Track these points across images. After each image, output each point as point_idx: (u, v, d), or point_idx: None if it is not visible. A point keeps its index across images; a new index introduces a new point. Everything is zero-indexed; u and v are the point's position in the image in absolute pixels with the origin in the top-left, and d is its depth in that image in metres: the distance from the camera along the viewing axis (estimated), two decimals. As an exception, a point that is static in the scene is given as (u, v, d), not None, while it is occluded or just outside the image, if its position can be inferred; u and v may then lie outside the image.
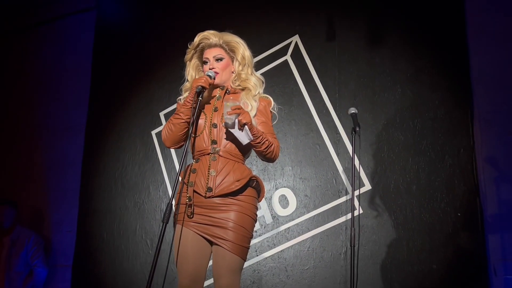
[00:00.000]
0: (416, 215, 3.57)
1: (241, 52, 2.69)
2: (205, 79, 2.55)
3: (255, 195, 2.59)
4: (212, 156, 2.56)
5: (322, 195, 3.87)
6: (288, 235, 3.86)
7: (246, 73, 2.71)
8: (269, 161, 2.64)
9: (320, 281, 3.69)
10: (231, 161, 2.56)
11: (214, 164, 2.54)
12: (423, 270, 3.46)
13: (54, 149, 5.02)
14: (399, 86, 3.83)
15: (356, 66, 3.98)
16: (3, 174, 5.17)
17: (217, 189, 2.49)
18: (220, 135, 2.59)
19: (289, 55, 4.21)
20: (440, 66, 3.75)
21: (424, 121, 3.71)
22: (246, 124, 2.43)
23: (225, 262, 2.43)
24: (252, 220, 2.54)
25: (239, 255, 2.45)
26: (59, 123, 5.07)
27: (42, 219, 4.87)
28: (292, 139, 4.04)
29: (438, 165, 3.60)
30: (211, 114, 2.64)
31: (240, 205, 2.50)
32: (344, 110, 3.84)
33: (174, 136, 2.63)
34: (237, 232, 2.45)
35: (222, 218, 2.47)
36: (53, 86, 5.22)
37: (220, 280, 2.43)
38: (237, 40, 2.72)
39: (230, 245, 2.43)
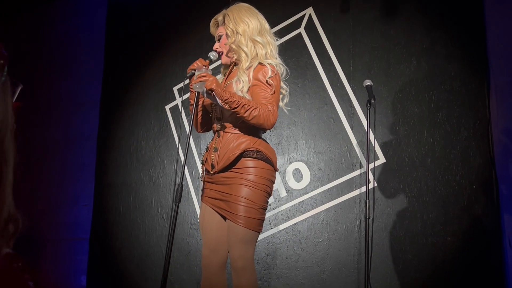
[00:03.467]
0: (431, 188, 3.56)
1: (231, 27, 2.66)
2: (198, 62, 2.59)
3: (263, 166, 2.53)
4: (218, 133, 2.64)
5: (336, 168, 3.87)
6: (302, 208, 3.88)
7: (236, 44, 2.64)
8: (262, 127, 2.53)
9: (334, 253, 3.72)
10: (235, 135, 2.57)
11: (218, 141, 2.61)
12: (437, 242, 3.46)
13: (70, 124, 5.06)
14: (414, 58, 3.78)
15: (371, 38, 3.93)
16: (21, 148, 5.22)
17: (219, 165, 2.56)
18: (222, 112, 2.62)
19: (302, 28, 4.17)
20: (456, 37, 3.69)
21: (439, 93, 3.67)
22: (212, 90, 2.44)
23: (235, 235, 2.49)
24: (259, 191, 2.50)
25: (249, 227, 2.47)
26: (74, 98, 5.10)
27: (59, 193, 4.94)
28: (306, 112, 4.03)
29: (454, 137, 3.58)
30: None
31: (245, 178, 2.50)
32: (359, 83, 3.83)
33: (194, 121, 2.74)
34: (243, 205, 2.47)
35: (229, 193, 2.52)
36: (67, 62, 5.23)
37: (232, 252, 2.51)
38: (231, 12, 2.69)
39: (238, 218, 2.47)
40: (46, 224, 4.80)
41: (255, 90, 2.54)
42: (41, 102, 5.22)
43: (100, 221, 4.63)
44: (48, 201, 4.93)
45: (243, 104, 2.42)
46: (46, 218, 4.84)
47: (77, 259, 4.65)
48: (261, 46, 2.65)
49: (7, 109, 0.75)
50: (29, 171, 5.04)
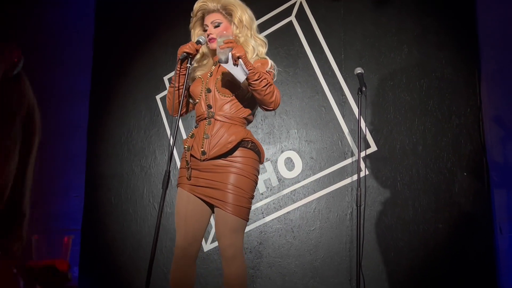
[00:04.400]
0: (422, 175, 3.58)
1: (238, 16, 2.66)
2: (191, 44, 2.57)
3: (253, 157, 2.58)
4: (208, 120, 2.59)
5: (327, 157, 3.87)
6: (294, 197, 3.89)
7: (244, 36, 2.67)
8: (269, 105, 2.55)
9: (326, 241, 3.73)
10: (226, 123, 2.57)
11: (209, 128, 2.57)
12: (429, 229, 3.49)
13: (60, 114, 5.01)
14: (405, 46, 3.78)
15: (362, 26, 3.93)
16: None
17: (211, 152, 2.53)
18: (214, 100, 2.60)
19: (293, 16, 4.15)
20: (447, 25, 3.70)
21: (430, 81, 3.68)
22: (240, 57, 2.43)
23: (225, 223, 2.49)
24: (250, 181, 2.55)
25: (239, 216, 2.49)
26: (63, 88, 5.05)
27: (50, 184, 4.91)
28: (298, 101, 4.02)
29: (445, 125, 3.59)
30: (207, 79, 2.66)
31: (237, 167, 2.52)
32: (350, 72, 3.82)
33: (172, 104, 2.67)
34: (234, 193, 2.48)
35: (220, 181, 2.51)
36: (56, 52, 5.17)
37: (221, 240, 2.50)
38: (234, 2, 2.69)
39: (229, 206, 2.47)
40: (37, 215, 4.76)
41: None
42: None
43: (91, 212, 4.61)
44: (39, 192, 4.89)
45: (263, 78, 2.48)
46: (37, 209, 4.80)
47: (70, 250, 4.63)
48: (261, 43, 2.72)
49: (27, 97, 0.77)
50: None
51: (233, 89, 2.60)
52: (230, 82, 2.59)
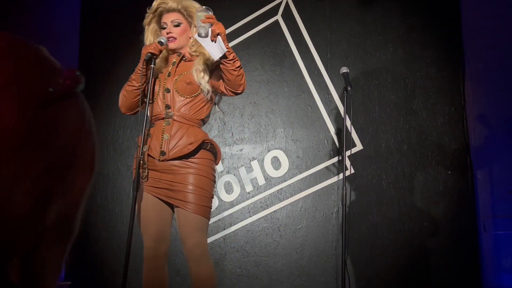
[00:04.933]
0: (407, 174, 3.60)
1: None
2: (155, 45, 2.57)
3: (211, 158, 2.63)
4: (166, 120, 2.60)
5: (314, 156, 3.88)
6: (281, 196, 3.90)
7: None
8: (238, 88, 2.60)
9: (313, 240, 3.75)
10: (185, 125, 2.59)
11: (168, 129, 2.58)
12: (414, 227, 3.51)
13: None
14: (390, 45, 3.80)
15: (348, 26, 3.94)
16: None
17: (171, 153, 2.54)
18: (173, 100, 2.61)
19: (279, 15, 4.15)
20: (431, 24, 3.72)
21: (415, 80, 3.70)
22: (220, 34, 2.45)
23: (190, 223, 2.50)
24: (210, 181, 2.59)
25: (202, 215, 2.52)
26: (48, 87, 5.01)
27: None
28: (284, 100, 4.03)
29: (430, 124, 3.62)
30: (164, 79, 2.67)
31: (197, 168, 2.54)
32: (336, 71, 3.83)
33: (128, 103, 2.67)
34: (196, 193, 2.51)
35: (180, 182, 2.52)
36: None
37: (188, 241, 2.51)
38: (196, 5, 2.71)
39: (192, 206, 2.49)
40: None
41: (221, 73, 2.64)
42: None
43: (77, 211, 4.58)
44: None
45: (237, 59, 2.54)
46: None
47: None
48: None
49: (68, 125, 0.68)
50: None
51: (192, 91, 2.62)
52: (190, 84, 2.61)
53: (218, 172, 4.08)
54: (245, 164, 4.03)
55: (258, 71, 4.12)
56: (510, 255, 3.38)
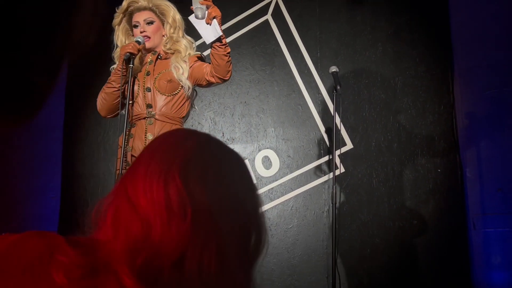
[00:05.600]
0: (397, 172, 3.62)
1: (172, 15, 2.70)
2: (133, 45, 2.56)
3: None
4: (149, 120, 2.58)
5: (304, 155, 3.89)
6: (272, 195, 3.90)
7: (177, 36, 2.71)
8: (226, 75, 2.60)
9: (304, 239, 3.75)
10: (168, 124, 2.58)
11: (151, 128, 2.56)
12: (404, 225, 3.53)
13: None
14: (380, 44, 3.82)
15: (337, 25, 3.95)
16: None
17: None
18: (155, 99, 2.60)
19: (269, 15, 4.16)
20: (420, 23, 3.74)
21: (405, 78, 3.72)
22: (216, 17, 2.45)
23: None
24: None
25: None
26: (38, 88, 4.99)
27: (26, 185, 4.85)
28: (274, 100, 4.03)
29: (419, 122, 3.63)
30: (143, 78, 2.66)
31: None
32: (326, 70, 3.84)
33: (108, 105, 2.66)
34: None
35: None
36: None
37: None
38: (167, 3, 2.73)
39: None
40: (13, 217, 4.71)
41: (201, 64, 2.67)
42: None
43: (68, 213, 4.56)
44: (15, 193, 4.83)
45: (228, 45, 2.54)
46: (13, 211, 4.75)
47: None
48: (190, 44, 2.76)
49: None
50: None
51: (173, 88, 2.62)
52: (171, 82, 2.61)
53: (209, 172, 4.08)
54: (236, 164, 4.02)
55: (249, 70, 4.13)
56: (499, 252, 3.41)
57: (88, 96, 4.73)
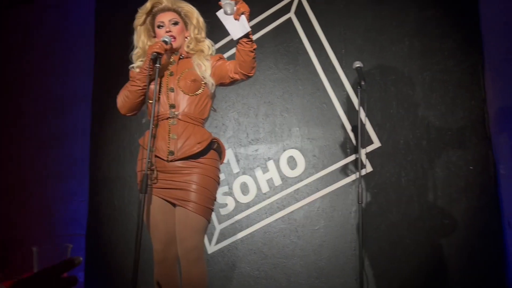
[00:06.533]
0: (427, 170, 3.50)
1: (196, 17, 2.71)
2: (160, 44, 2.54)
3: (216, 158, 2.61)
4: (172, 120, 2.56)
5: (330, 154, 3.80)
6: (298, 196, 3.82)
7: (200, 37, 2.72)
8: (251, 71, 2.58)
9: (331, 240, 3.67)
10: (190, 124, 2.56)
11: (174, 128, 2.54)
12: (435, 225, 3.40)
13: (63, 119, 5.00)
14: (407, 38, 3.70)
15: (362, 21, 3.85)
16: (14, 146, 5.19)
17: (179, 152, 2.50)
18: (178, 99, 2.58)
19: (292, 13, 4.09)
20: (448, 16, 3.61)
21: (433, 74, 3.59)
22: (244, 13, 2.41)
23: (188, 223, 2.45)
24: (214, 182, 2.55)
25: (203, 216, 2.47)
26: (65, 93, 5.04)
27: (55, 189, 4.90)
28: (299, 99, 3.96)
29: (449, 118, 3.50)
30: (167, 78, 2.63)
31: (202, 168, 2.51)
32: (351, 67, 3.73)
33: (131, 103, 2.66)
34: (200, 193, 2.47)
35: (185, 181, 2.48)
36: (58, 57, 5.17)
37: (185, 242, 2.45)
38: (189, 5, 2.74)
39: (193, 205, 2.45)
40: (43, 221, 4.76)
41: (224, 62, 2.68)
42: (33, 99, 5.17)
43: (96, 216, 4.59)
44: (44, 198, 4.89)
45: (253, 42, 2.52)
46: (42, 215, 4.80)
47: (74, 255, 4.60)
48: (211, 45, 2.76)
49: None
50: (24, 168, 5.00)
51: (196, 88, 2.60)
52: (194, 81, 2.59)
53: (233, 173, 4.03)
54: (261, 165, 3.97)
55: (272, 70, 4.07)
56: (537, 252, 3.25)
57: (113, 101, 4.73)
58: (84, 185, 4.74)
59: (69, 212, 4.79)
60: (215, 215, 4.00)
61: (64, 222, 4.76)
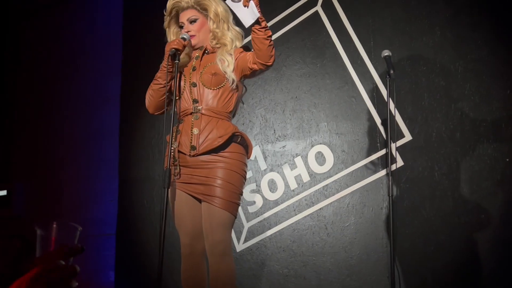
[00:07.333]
0: (461, 163, 3.36)
1: (213, 9, 2.65)
2: (178, 41, 2.54)
3: (242, 152, 2.56)
4: (195, 115, 2.55)
5: (360, 149, 3.70)
6: (327, 193, 3.74)
7: (221, 30, 2.66)
8: (269, 60, 2.50)
9: (362, 237, 3.56)
10: (214, 118, 2.53)
11: (197, 123, 2.53)
12: (471, 221, 3.26)
13: (92, 120, 5.05)
14: (437, 28, 3.57)
15: (391, 11, 3.75)
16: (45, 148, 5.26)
17: (201, 147, 2.48)
18: (200, 94, 2.56)
19: (319, 6, 4.01)
20: (480, 4, 3.47)
21: (466, 63, 3.46)
22: (257, 5, 2.38)
23: (215, 218, 2.43)
24: (239, 176, 2.51)
25: (229, 211, 2.45)
26: (94, 94, 5.10)
27: (85, 189, 4.94)
28: (327, 93, 3.88)
29: (484, 109, 3.36)
30: (190, 74, 2.63)
31: (226, 162, 2.48)
32: (380, 59, 3.64)
33: (156, 102, 2.67)
34: (225, 188, 2.44)
35: (209, 176, 2.46)
36: (86, 58, 5.23)
37: (211, 236, 2.44)
38: None
39: (219, 201, 2.42)
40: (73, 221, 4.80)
41: (245, 54, 2.61)
42: (63, 100, 5.23)
43: (125, 215, 4.60)
44: (74, 198, 4.94)
45: (269, 28, 2.47)
46: (73, 215, 4.85)
47: (105, 254, 4.63)
48: (238, 36, 2.72)
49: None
50: (54, 168, 5.06)
51: (218, 82, 2.57)
52: (215, 75, 2.57)
53: (261, 170, 3.98)
54: (289, 161, 3.90)
55: (299, 64, 4.00)
56: None
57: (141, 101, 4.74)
58: (113, 185, 4.76)
59: (98, 212, 4.82)
60: (243, 213, 3.95)
61: (94, 222, 4.79)
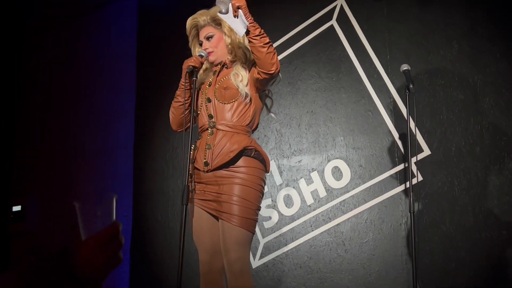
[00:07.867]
0: (482, 178, 3.30)
1: (227, 24, 2.60)
2: (195, 58, 2.55)
3: (258, 166, 2.50)
4: (210, 130, 2.54)
5: (377, 164, 3.66)
6: (344, 208, 3.69)
7: (237, 43, 2.64)
8: (271, 68, 2.43)
9: (381, 253, 3.51)
10: (228, 133, 2.50)
11: (211, 139, 2.52)
12: (492, 236, 3.20)
13: (106, 134, 5.05)
14: (455, 41, 3.54)
15: (407, 25, 3.72)
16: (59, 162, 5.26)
17: (214, 162, 2.46)
18: (215, 109, 2.55)
19: (334, 20, 3.99)
20: (497, 16, 3.44)
21: (485, 77, 3.41)
22: (240, 7, 2.34)
23: (232, 236, 2.40)
24: (255, 191, 2.46)
25: (246, 228, 2.41)
26: (109, 108, 5.10)
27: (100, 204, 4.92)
28: (343, 107, 3.84)
29: (504, 123, 3.31)
30: (206, 89, 2.63)
31: (242, 178, 2.44)
32: (397, 73, 3.62)
33: (177, 119, 2.68)
34: (241, 205, 2.40)
35: (225, 193, 2.43)
36: (101, 73, 5.24)
37: (228, 255, 2.40)
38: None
39: (235, 218, 2.39)
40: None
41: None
42: (78, 114, 5.24)
43: (139, 231, 4.58)
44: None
45: (265, 35, 2.41)
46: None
47: (119, 271, 4.60)
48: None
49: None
50: (68, 183, 5.06)
51: (231, 96, 2.55)
52: (227, 89, 2.54)
53: (277, 185, 3.94)
54: (305, 176, 3.86)
55: (314, 78, 3.97)
56: None
57: (156, 115, 4.76)
58: (127, 199, 4.74)
59: (113, 227, 4.79)
60: (259, 229, 3.91)
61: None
